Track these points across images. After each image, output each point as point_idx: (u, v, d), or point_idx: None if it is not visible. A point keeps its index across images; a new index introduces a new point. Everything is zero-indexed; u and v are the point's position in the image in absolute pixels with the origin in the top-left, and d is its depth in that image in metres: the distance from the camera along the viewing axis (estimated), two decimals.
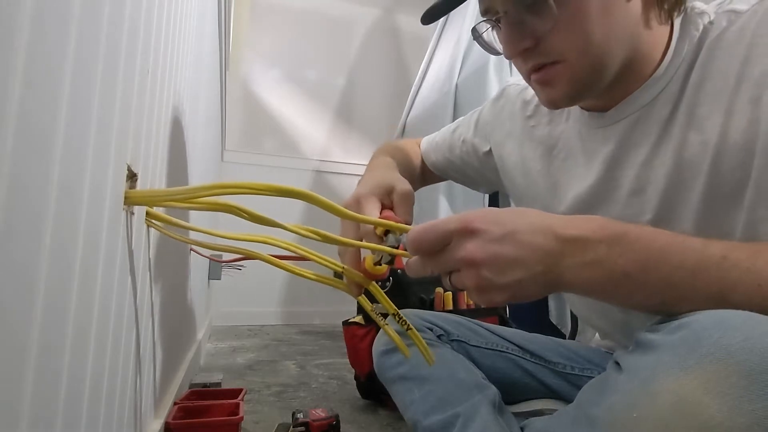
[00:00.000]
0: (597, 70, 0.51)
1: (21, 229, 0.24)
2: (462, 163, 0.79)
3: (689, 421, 0.32)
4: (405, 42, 3.34)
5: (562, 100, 0.54)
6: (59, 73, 0.28)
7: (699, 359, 0.33)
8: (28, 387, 0.26)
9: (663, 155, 0.52)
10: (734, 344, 0.32)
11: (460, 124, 0.81)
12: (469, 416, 0.60)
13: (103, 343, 0.42)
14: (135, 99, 0.47)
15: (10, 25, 0.22)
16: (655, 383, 0.34)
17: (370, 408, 1.26)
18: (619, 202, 0.56)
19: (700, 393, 0.32)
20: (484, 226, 0.41)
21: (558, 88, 0.52)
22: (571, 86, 0.52)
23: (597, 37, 0.49)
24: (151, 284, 0.66)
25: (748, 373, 0.31)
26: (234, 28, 2.42)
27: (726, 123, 0.47)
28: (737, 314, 0.34)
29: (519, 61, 0.54)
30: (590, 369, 0.69)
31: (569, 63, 0.50)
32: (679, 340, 0.35)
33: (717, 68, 0.48)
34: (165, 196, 0.53)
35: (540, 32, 0.50)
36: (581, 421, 0.42)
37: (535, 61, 0.52)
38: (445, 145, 0.81)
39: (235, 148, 2.87)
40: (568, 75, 0.51)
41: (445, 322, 0.72)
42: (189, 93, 0.95)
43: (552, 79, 0.52)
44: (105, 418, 0.44)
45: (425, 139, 0.85)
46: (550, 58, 0.51)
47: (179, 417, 0.87)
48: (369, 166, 0.72)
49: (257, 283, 2.68)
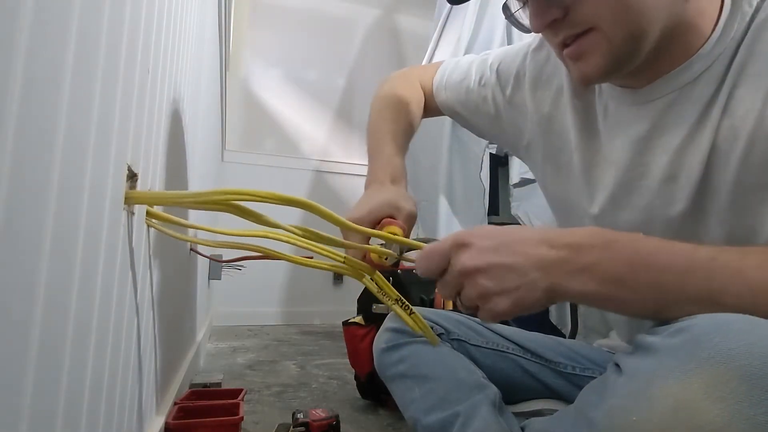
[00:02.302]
0: (635, 38, 0.46)
1: (21, 228, 0.24)
2: (475, 109, 0.74)
3: (688, 425, 0.31)
4: (405, 42, 3.34)
5: (596, 74, 0.49)
6: (59, 72, 0.28)
7: (699, 363, 0.32)
8: (28, 387, 0.26)
9: (699, 141, 0.48)
10: (735, 348, 0.32)
11: (483, 65, 0.74)
12: (469, 415, 0.60)
13: (103, 344, 0.42)
14: (135, 99, 0.47)
15: (10, 25, 0.22)
16: (654, 387, 0.34)
17: (370, 408, 1.25)
18: (649, 190, 0.52)
19: (700, 397, 0.31)
20: (476, 239, 0.42)
21: (591, 61, 0.48)
22: (607, 57, 0.47)
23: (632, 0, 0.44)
24: (151, 284, 0.66)
25: (749, 378, 0.31)
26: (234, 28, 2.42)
27: (763, 110, 0.44)
28: (737, 318, 0.34)
29: (549, 35, 0.50)
30: (591, 369, 0.69)
31: (603, 31, 0.46)
32: (679, 343, 0.34)
33: (760, 50, 0.45)
34: (166, 198, 0.53)
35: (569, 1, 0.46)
36: (581, 423, 0.41)
37: (565, 33, 0.48)
38: (462, 86, 0.75)
39: (235, 148, 2.87)
40: (604, 45, 0.47)
41: (446, 321, 0.72)
42: (189, 93, 0.95)
43: (585, 51, 0.48)
44: (105, 418, 0.44)
45: (440, 73, 0.79)
46: (581, 27, 0.47)
47: (179, 417, 0.87)
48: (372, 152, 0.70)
49: (257, 283, 2.68)
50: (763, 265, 0.38)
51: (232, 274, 2.07)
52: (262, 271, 2.50)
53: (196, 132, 1.18)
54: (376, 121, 0.74)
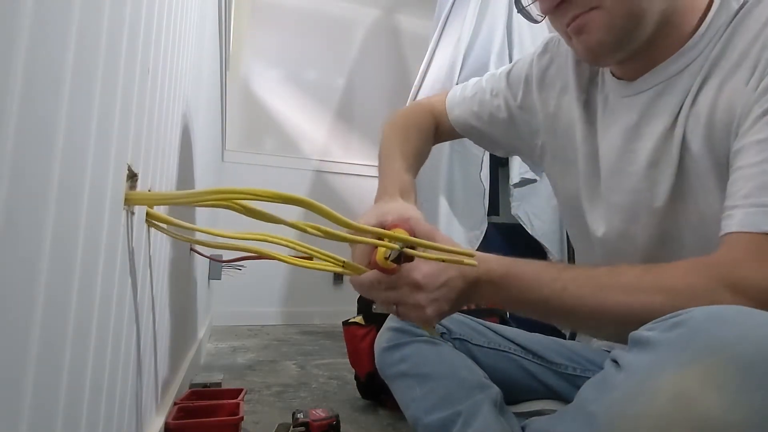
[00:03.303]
0: (635, 16, 0.51)
1: (22, 228, 0.24)
2: (489, 119, 0.76)
3: (688, 414, 0.32)
4: (405, 42, 3.34)
5: (600, 48, 0.53)
6: (60, 72, 0.28)
7: (695, 354, 0.33)
8: (29, 387, 0.26)
9: (676, 130, 0.52)
10: (729, 337, 0.33)
11: (492, 78, 0.78)
12: (470, 415, 0.60)
13: (103, 344, 0.42)
14: (135, 99, 0.47)
15: (10, 25, 0.22)
16: (653, 380, 0.35)
17: (370, 408, 1.25)
18: (635, 175, 0.57)
19: (698, 386, 0.32)
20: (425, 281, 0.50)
21: (593, 34, 0.52)
22: (608, 32, 0.52)
23: None
24: (151, 284, 0.66)
25: (745, 365, 0.31)
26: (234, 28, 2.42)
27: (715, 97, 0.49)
28: (731, 309, 0.35)
29: (557, 15, 0.55)
30: (592, 370, 0.69)
31: (605, 9, 0.51)
32: (675, 336, 0.35)
33: (735, 44, 0.49)
34: (166, 199, 0.53)
35: None
36: (580, 419, 0.42)
37: (573, 12, 0.53)
38: (474, 100, 0.78)
39: (235, 148, 2.87)
40: (605, 20, 0.51)
41: (449, 320, 0.72)
42: (189, 93, 0.95)
43: (587, 23, 0.52)
44: (105, 418, 0.44)
45: (452, 93, 0.82)
46: (586, 6, 0.52)
47: (179, 417, 0.86)
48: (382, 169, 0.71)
49: (257, 283, 2.68)
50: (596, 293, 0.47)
51: (232, 274, 2.07)
52: (262, 271, 2.50)
53: (197, 131, 1.18)
54: (386, 144, 0.74)
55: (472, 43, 1.96)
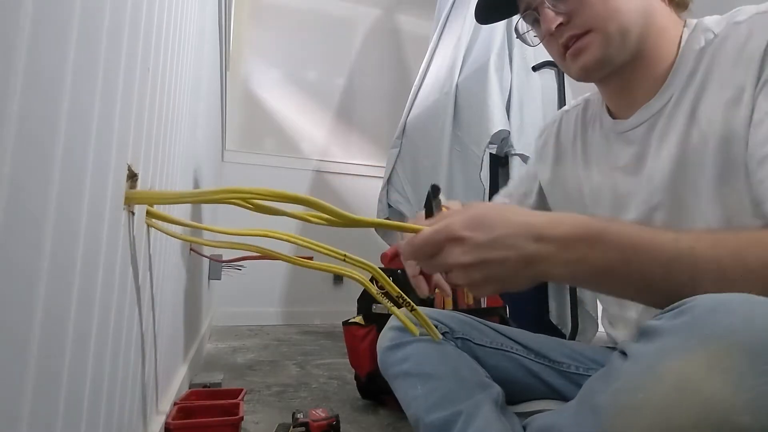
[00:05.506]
0: (622, 32, 0.58)
1: (22, 228, 0.24)
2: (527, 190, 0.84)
3: (694, 399, 0.33)
4: (405, 42, 3.34)
5: (593, 64, 0.60)
6: (60, 72, 0.28)
7: (701, 340, 0.34)
8: (29, 387, 0.26)
9: (669, 144, 0.58)
10: (735, 323, 0.33)
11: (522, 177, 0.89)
12: (471, 414, 0.60)
13: (103, 343, 0.42)
14: (136, 98, 0.47)
15: (11, 25, 0.22)
16: (658, 366, 0.35)
17: (370, 408, 1.25)
18: (642, 189, 0.62)
19: (704, 371, 0.33)
20: (469, 232, 0.45)
21: (590, 53, 0.60)
22: (602, 50, 0.59)
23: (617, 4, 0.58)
24: (151, 284, 0.66)
25: (750, 351, 0.32)
26: (234, 28, 2.42)
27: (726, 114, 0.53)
28: (736, 296, 0.36)
29: (555, 37, 0.62)
30: (595, 369, 0.69)
31: (599, 30, 0.59)
32: (681, 323, 0.36)
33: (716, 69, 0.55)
34: (167, 198, 0.53)
35: (571, 9, 0.60)
36: (585, 412, 0.42)
37: (569, 33, 0.60)
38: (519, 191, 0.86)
39: (235, 148, 2.87)
40: (599, 39, 0.59)
41: (450, 320, 0.72)
42: (189, 93, 0.95)
43: (586, 46, 0.60)
44: (105, 418, 0.44)
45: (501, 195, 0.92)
46: (581, 29, 0.59)
47: (179, 417, 0.86)
48: None
49: (257, 283, 2.68)
50: (735, 253, 0.41)
51: (232, 274, 2.07)
52: (262, 271, 2.50)
53: (197, 131, 1.18)
54: None
55: (472, 43, 1.96)
